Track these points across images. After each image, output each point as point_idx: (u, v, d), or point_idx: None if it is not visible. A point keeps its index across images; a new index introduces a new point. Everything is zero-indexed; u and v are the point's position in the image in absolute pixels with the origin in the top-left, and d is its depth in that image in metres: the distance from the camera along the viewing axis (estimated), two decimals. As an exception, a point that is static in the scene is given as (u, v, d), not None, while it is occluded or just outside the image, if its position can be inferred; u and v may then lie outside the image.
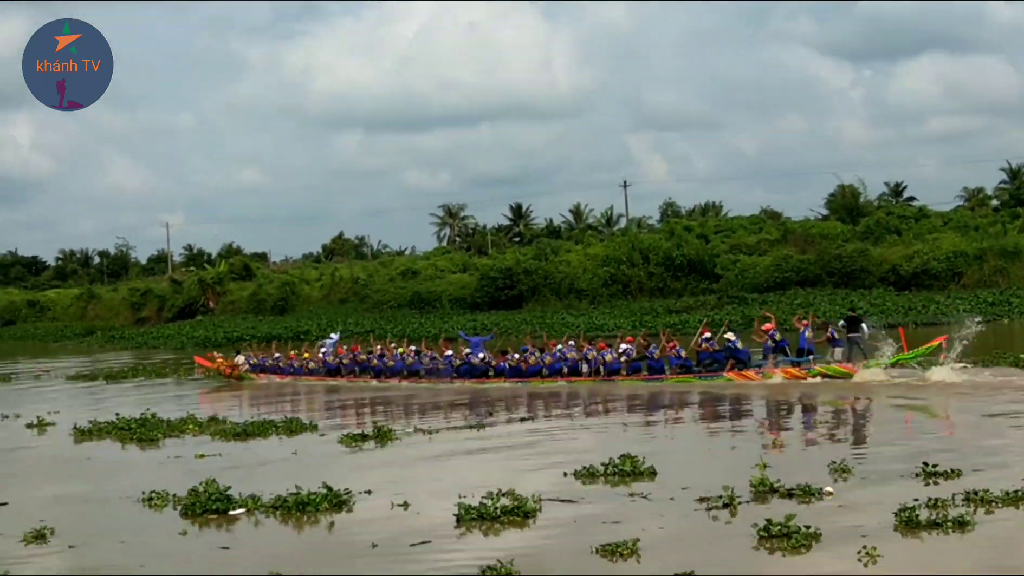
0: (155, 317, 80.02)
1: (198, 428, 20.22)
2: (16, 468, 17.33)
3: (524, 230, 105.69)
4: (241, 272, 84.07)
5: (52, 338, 74.35)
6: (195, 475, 14.19)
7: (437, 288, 67.18)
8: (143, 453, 18.26)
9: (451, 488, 12.92)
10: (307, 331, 56.99)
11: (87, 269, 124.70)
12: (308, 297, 74.32)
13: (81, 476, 16.12)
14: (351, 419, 22.29)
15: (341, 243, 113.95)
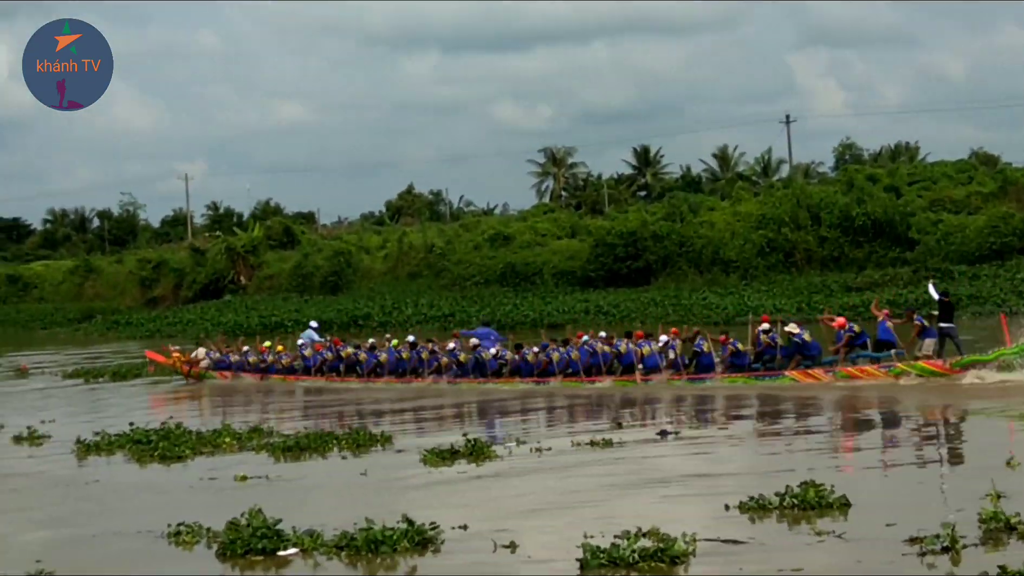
0: (171, 297, 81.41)
1: (236, 441, 20.52)
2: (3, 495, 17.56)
3: (652, 181, 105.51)
4: (281, 238, 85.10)
5: (40, 324, 76.14)
6: (235, 503, 14.29)
7: (537, 258, 67.42)
8: (167, 473, 18.49)
9: (572, 523, 12.83)
10: (367, 315, 57.57)
11: (83, 235, 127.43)
12: (368, 270, 75.02)
13: (87, 504, 16.31)
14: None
15: (411, 200, 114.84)
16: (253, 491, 15.89)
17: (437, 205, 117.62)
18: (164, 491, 16.93)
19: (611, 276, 62.10)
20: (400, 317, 56.33)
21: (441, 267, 70.81)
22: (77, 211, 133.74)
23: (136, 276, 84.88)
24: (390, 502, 13.96)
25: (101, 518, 15.13)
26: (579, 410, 25.28)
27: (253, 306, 69.20)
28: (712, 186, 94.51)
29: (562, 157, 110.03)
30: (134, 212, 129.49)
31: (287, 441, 19.97)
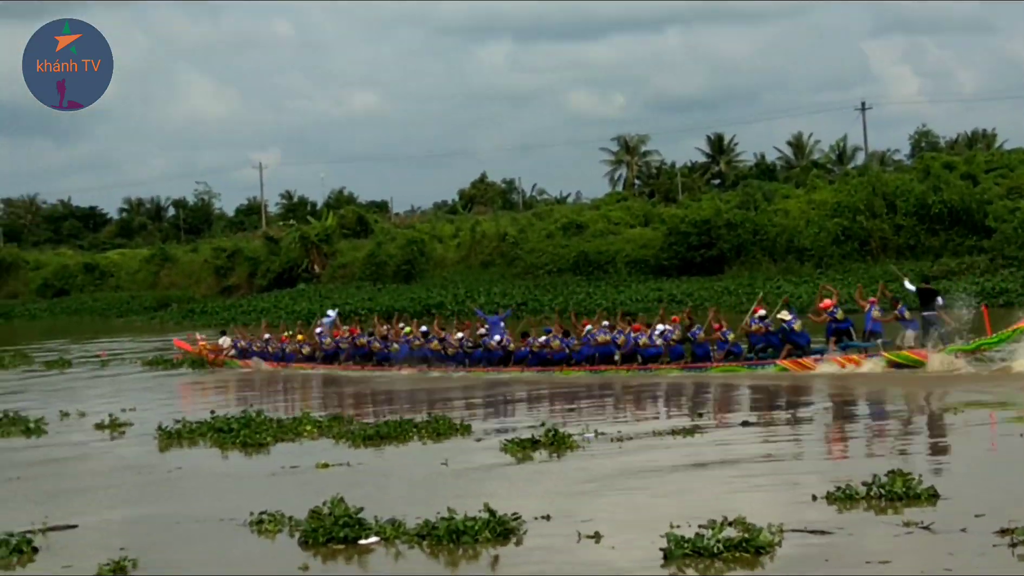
0: (245, 285, 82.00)
1: (317, 429, 20.65)
2: (86, 481, 17.72)
3: (726, 169, 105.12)
4: (355, 227, 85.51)
5: (116, 312, 76.93)
6: (317, 491, 14.30)
7: (610, 247, 67.39)
8: (248, 462, 18.67)
9: (655, 513, 12.79)
10: (440, 304, 57.68)
11: (159, 224, 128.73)
12: (441, 259, 75.24)
13: (169, 491, 16.47)
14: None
15: (484, 188, 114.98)
16: (335, 479, 15.90)
17: (510, 194, 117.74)
18: (246, 479, 17.09)
19: (684, 265, 61.93)
20: (473, 306, 56.32)
21: (514, 256, 70.87)
22: (153, 200, 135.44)
23: (211, 265, 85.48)
24: (471, 491, 13.94)
25: (184, 505, 15.17)
26: (632, 399, 25.64)
27: (327, 295, 69.51)
28: (786, 174, 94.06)
29: (635, 145, 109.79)
30: (209, 201, 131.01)
31: (367, 429, 19.96)
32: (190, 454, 19.55)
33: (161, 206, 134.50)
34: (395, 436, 19.52)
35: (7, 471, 18.56)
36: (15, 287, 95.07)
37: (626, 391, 26.62)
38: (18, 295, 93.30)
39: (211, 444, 20.17)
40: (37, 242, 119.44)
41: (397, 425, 20.04)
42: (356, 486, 14.99)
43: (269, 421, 21.36)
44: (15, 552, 12.72)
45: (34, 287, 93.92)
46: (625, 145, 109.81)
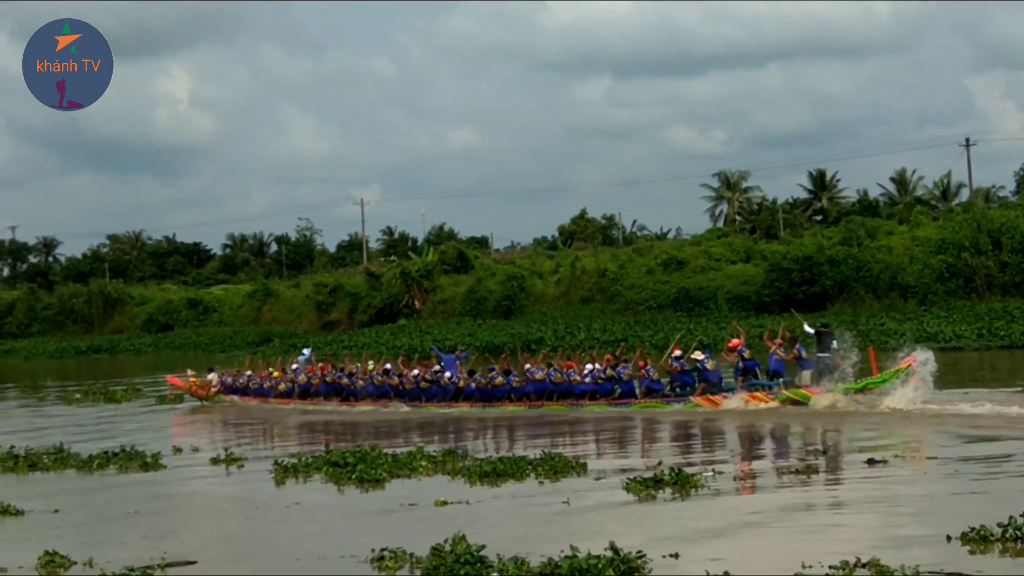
0: (346, 321, 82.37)
1: (432, 465, 20.62)
2: (204, 517, 17.95)
3: (828, 205, 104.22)
4: (455, 263, 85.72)
5: (219, 347, 77.55)
6: (437, 528, 14.35)
7: (711, 283, 66.95)
8: (365, 497, 18.66)
9: (786, 551, 12.71)
10: (540, 339, 57.51)
11: (261, 259, 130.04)
12: (541, 295, 75.15)
13: (289, 527, 16.50)
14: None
15: (583, 224, 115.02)
16: (454, 516, 15.92)
17: (610, 229, 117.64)
18: (364, 515, 17.10)
19: (786, 301, 61.09)
20: (573, 341, 56.09)
21: (614, 292, 70.61)
22: (255, 236, 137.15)
23: (313, 300, 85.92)
24: (594, 529, 13.93)
25: (304, 541, 15.23)
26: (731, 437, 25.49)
27: (427, 330, 69.65)
28: (890, 210, 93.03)
29: (736, 181, 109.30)
30: (311, 237, 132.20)
31: (484, 466, 19.89)
32: (306, 489, 19.56)
33: (264, 242, 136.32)
34: (511, 473, 19.43)
35: (126, 505, 18.73)
36: (121, 322, 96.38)
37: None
38: (123, 330, 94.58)
39: (327, 479, 20.14)
40: (142, 278, 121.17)
41: (513, 462, 19.96)
42: (476, 524, 14.97)
43: (384, 456, 21.31)
44: (138, 587, 12.86)
45: (139, 322, 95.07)
46: (726, 181, 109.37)
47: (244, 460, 23.25)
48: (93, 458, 23.68)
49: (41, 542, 15.11)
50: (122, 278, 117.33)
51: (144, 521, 17.40)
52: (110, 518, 17.79)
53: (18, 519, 17.78)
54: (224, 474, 22.24)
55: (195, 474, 22.47)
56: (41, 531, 16.64)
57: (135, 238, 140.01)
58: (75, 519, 17.69)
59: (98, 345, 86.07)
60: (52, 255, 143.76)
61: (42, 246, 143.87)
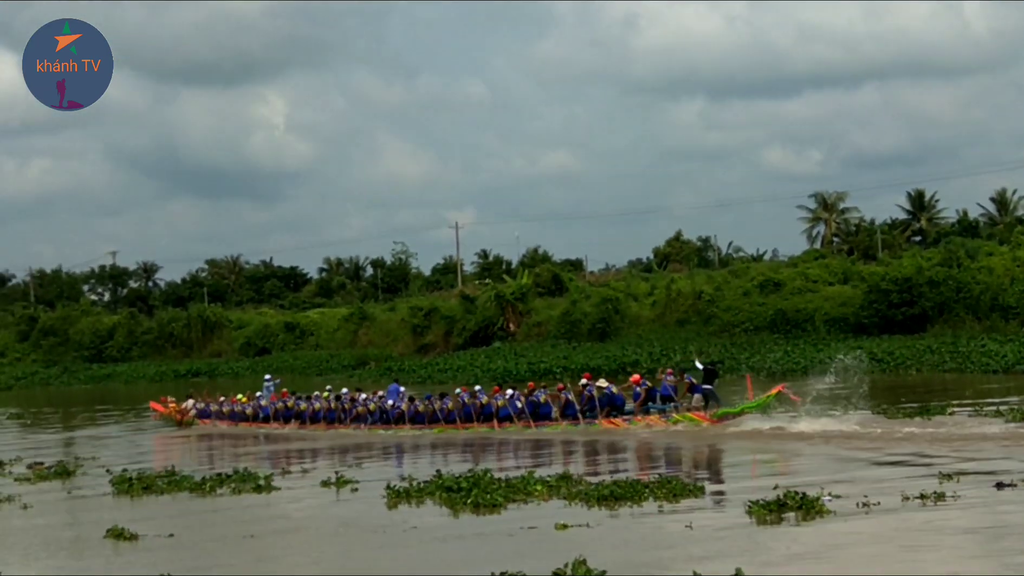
0: (442, 344, 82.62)
1: (547, 489, 20.67)
2: (320, 541, 18.14)
3: (927, 226, 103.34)
4: (549, 285, 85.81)
5: (316, 370, 78.15)
6: (557, 552, 14.51)
7: (808, 305, 66.71)
8: (481, 521, 18.79)
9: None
10: (635, 361, 57.56)
11: (357, 283, 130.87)
12: (636, 317, 75.00)
13: (408, 551, 16.68)
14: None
15: (679, 246, 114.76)
16: (575, 540, 16.06)
17: (705, 251, 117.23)
18: (484, 539, 17.26)
19: (885, 323, 61.04)
20: (668, 364, 56.19)
21: (710, 314, 70.52)
22: (351, 260, 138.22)
23: (408, 323, 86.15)
24: (716, 553, 14.08)
25: (425, 565, 15.56)
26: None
27: (522, 353, 69.77)
28: (990, 230, 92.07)
29: (833, 202, 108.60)
30: (406, 260, 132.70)
31: (602, 489, 19.88)
32: (420, 513, 19.72)
33: (359, 265, 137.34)
34: (629, 496, 19.44)
35: (241, 529, 19.13)
36: (219, 346, 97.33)
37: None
38: (221, 354, 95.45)
39: (440, 503, 20.30)
40: (240, 302, 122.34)
41: (630, 486, 19.95)
42: (597, 547, 15.12)
43: (497, 480, 21.42)
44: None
45: (237, 346, 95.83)
46: (823, 202, 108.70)
47: (356, 483, 23.44)
48: (206, 480, 24.22)
49: (156, 566, 15.58)
50: (220, 302, 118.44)
51: (259, 545, 17.80)
52: (225, 542, 18.13)
53: (133, 543, 18.17)
54: (335, 497, 22.47)
55: (307, 497, 22.76)
56: (156, 555, 17.02)
57: (233, 262, 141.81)
58: (190, 543, 18.04)
59: (197, 369, 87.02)
60: (152, 280, 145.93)
61: (142, 271, 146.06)
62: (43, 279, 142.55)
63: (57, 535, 19.69)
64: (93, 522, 20.27)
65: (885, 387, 41.39)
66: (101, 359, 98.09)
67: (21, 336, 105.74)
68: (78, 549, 18.12)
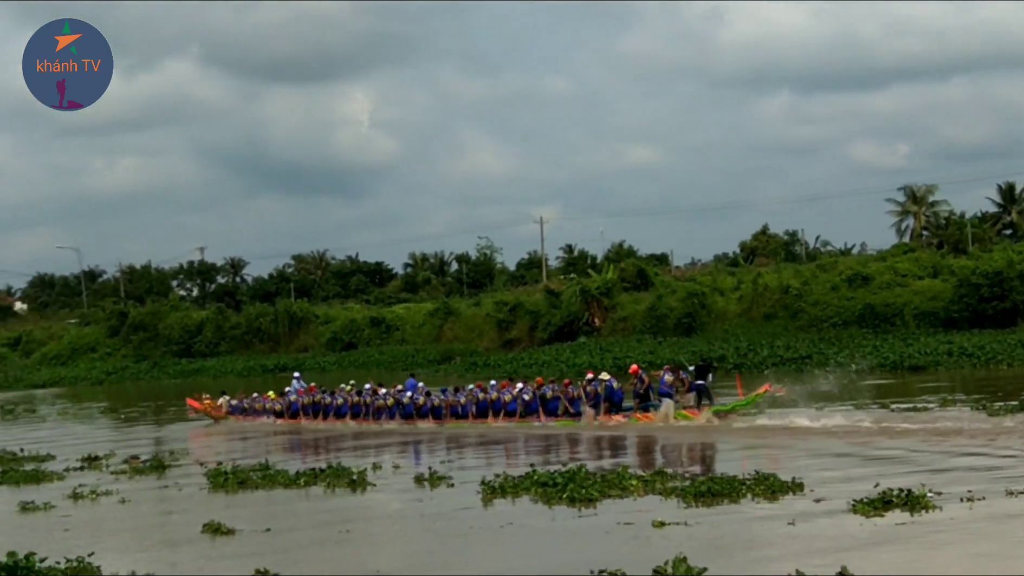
0: (526, 339, 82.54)
1: (643, 485, 20.45)
2: (416, 537, 18.12)
3: (1017, 219, 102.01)
4: (635, 280, 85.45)
5: (401, 365, 78.32)
6: (655, 549, 14.42)
7: (898, 299, 66.08)
8: (577, 517, 18.51)
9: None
10: (721, 357, 57.18)
11: (442, 278, 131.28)
12: (722, 312, 74.55)
13: (505, 547, 16.58)
14: None
15: (765, 240, 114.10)
16: (672, 538, 15.92)
17: (792, 246, 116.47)
18: (580, 535, 16.99)
19: (976, 317, 60.29)
20: (755, 359, 55.82)
21: (797, 308, 69.90)
22: (436, 255, 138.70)
23: (493, 318, 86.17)
24: (820, 551, 13.91)
25: (521, 561, 15.49)
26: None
27: (607, 348, 69.49)
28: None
29: (923, 195, 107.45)
30: (491, 255, 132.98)
31: (699, 486, 19.55)
32: (516, 509, 19.54)
33: (444, 261, 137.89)
34: (726, 493, 19.18)
35: (337, 524, 19.10)
36: (306, 341, 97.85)
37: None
38: (308, 348, 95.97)
39: (536, 498, 20.12)
40: (326, 297, 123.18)
41: (727, 482, 19.70)
42: (696, 545, 14.98)
43: (592, 475, 21.23)
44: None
45: (323, 341, 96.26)
46: (912, 195, 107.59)
47: (450, 479, 23.37)
48: (300, 475, 24.32)
49: (253, 561, 15.54)
50: (307, 297, 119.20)
51: (356, 540, 17.80)
52: (321, 537, 18.10)
53: (230, 538, 18.25)
54: (430, 493, 22.40)
55: (401, 492, 22.75)
56: (253, 550, 17.04)
57: (319, 258, 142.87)
58: (286, 538, 18.08)
59: (284, 363, 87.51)
60: (239, 275, 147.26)
61: (229, 267, 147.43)
62: (133, 275, 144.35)
63: (154, 529, 19.84)
64: (189, 516, 20.39)
65: (976, 382, 40.82)
66: (190, 354, 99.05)
67: (111, 331, 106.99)
68: (175, 543, 18.21)
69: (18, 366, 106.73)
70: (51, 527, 20.37)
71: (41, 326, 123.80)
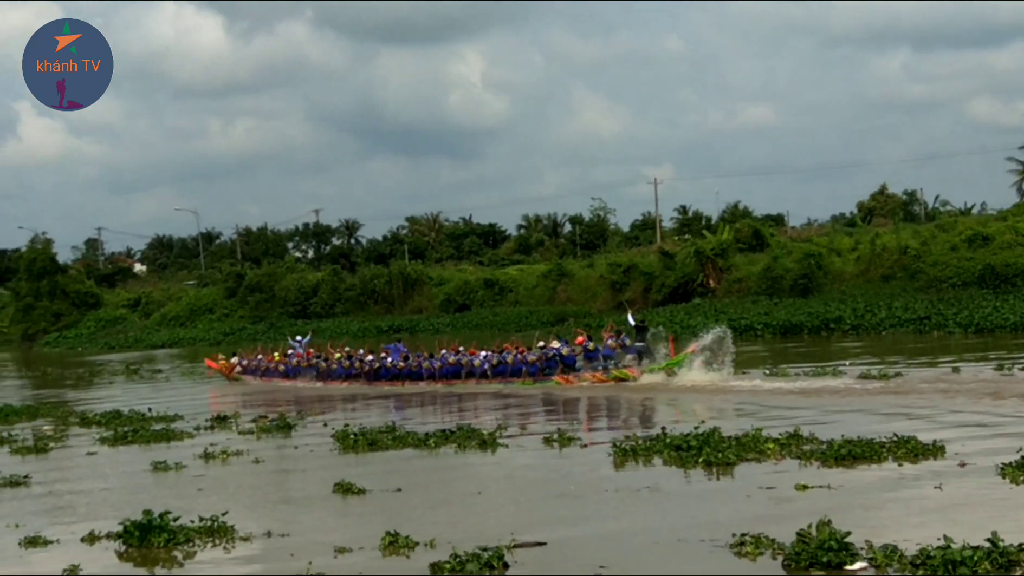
0: (640, 300, 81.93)
1: (779, 448, 20.00)
2: (545, 497, 17.83)
3: None
4: (750, 241, 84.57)
5: (514, 327, 78.12)
6: (796, 513, 14.12)
7: (1019, 259, 64.91)
8: (714, 480, 18.24)
9: None
10: (838, 318, 56.51)
11: (556, 240, 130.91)
12: (839, 273, 73.66)
13: (638, 509, 16.27)
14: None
15: (883, 200, 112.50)
16: (814, 501, 15.55)
17: (911, 205, 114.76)
18: (721, 499, 16.66)
19: (1101, 277, 58.93)
20: (872, 320, 54.99)
21: (916, 269, 68.83)
22: (549, 216, 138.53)
23: (607, 280, 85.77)
24: (967, 518, 13.52)
25: (660, 524, 15.14)
26: None
27: (722, 309, 68.95)
28: None
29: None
30: (604, 217, 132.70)
31: (840, 449, 19.04)
32: (649, 472, 19.19)
33: (558, 222, 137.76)
34: (867, 456, 18.69)
35: (467, 485, 19.06)
36: (420, 303, 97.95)
37: None
38: (422, 310, 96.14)
39: (669, 462, 19.74)
40: (440, 259, 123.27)
41: (866, 444, 19.17)
42: (839, 509, 14.52)
43: (727, 439, 20.80)
44: (486, 567, 13.04)
45: (437, 302, 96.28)
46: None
47: (579, 440, 23.16)
48: (430, 436, 24.14)
49: (383, 522, 15.47)
50: (420, 259, 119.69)
51: (487, 501, 17.66)
52: (452, 498, 17.98)
53: (361, 498, 18.18)
54: (559, 454, 22.18)
55: (530, 453, 22.50)
56: (383, 510, 16.96)
57: (433, 220, 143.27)
58: (417, 499, 17.91)
59: (398, 325, 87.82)
60: (354, 237, 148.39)
61: (344, 229, 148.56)
62: (249, 237, 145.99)
63: (286, 489, 19.76)
64: (320, 476, 20.36)
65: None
66: (305, 315, 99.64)
67: (229, 292, 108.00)
68: (307, 503, 18.12)
69: (138, 327, 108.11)
70: (184, 486, 20.44)
71: (160, 288, 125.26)
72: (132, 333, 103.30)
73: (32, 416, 35.18)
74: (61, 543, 15.77)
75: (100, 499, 19.68)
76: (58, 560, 14.58)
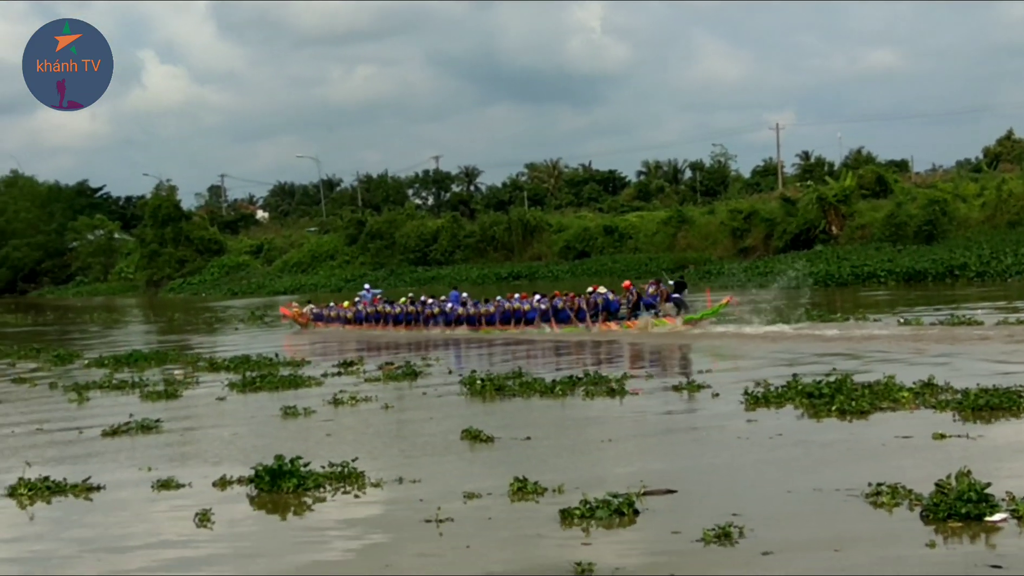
0: (761, 247, 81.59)
1: (914, 397, 19.59)
2: (682, 446, 17.75)
3: None
4: (873, 187, 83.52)
5: (634, 274, 77.66)
6: (934, 463, 13.87)
7: None
8: (849, 429, 17.81)
9: None
10: (963, 264, 55.78)
11: (676, 186, 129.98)
12: (964, 219, 72.63)
13: (775, 458, 16.03)
14: None
15: (1010, 145, 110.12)
16: (952, 451, 15.25)
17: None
18: (854, 448, 16.30)
19: None
20: (999, 267, 54.23)
21: (1044, 216, 67.50)
22: (670, 163, 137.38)
23: (727, 227, 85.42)
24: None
25: (794, 473, 14.96)
26: None
27: (844, 256, 68.42)
28: None
29: None
30: (725, 163, 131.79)
31: (977, 399, 18.51)
32: (781, 420, 18.90)
33: (678, 169, 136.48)
34: (1006, 407, 18.16)
35: (596, 432, 18.95)
36: (539, 249, 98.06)
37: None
38: (542, 257, 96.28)
39: (802, 410, 19.45)
40: (559, 206, 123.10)
41: (1004, 394, 18.65)
42: (978, 459, 14.19)
43: (860, 387, 20.40)
44: (616, 514, 12.98)
45: (556, 249, 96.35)
46: None
47: (708, 388, 22.88)
48: (557, 383, 24.08)
49: (512, 468, 15.44)
50: (540, 206, 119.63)
51: (617, 448, 17.55)
52: (582, 445, 17.91)
53: (489, 445, 18.20)
54: (687, 401, 22.09)
55: (661, 400, 22.41)
56: (512, 457, 16.94)
57: (552, 166, 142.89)
58: (546, 446, 17.84)
59: (518, 272, 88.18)
60: (473, 184, 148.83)
61: (464, 176, 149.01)
62: (370, 184, 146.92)
63: (414, 436, 19.78)
64: (448, 423, 20.46)
65: None
66: (426, 262, 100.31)
67: (350, 239, 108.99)
68: (435, 450, 18.14)
69: (260, 273, 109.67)
70: (313, 432, 20.60)
71: (282, 234, 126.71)
72: (255, 279, 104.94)
73: (161, 362, 35.82)
74: (193, 487, 15.96)
75: (230, 444, 19.95)
76: (191, 504, 14.76)
